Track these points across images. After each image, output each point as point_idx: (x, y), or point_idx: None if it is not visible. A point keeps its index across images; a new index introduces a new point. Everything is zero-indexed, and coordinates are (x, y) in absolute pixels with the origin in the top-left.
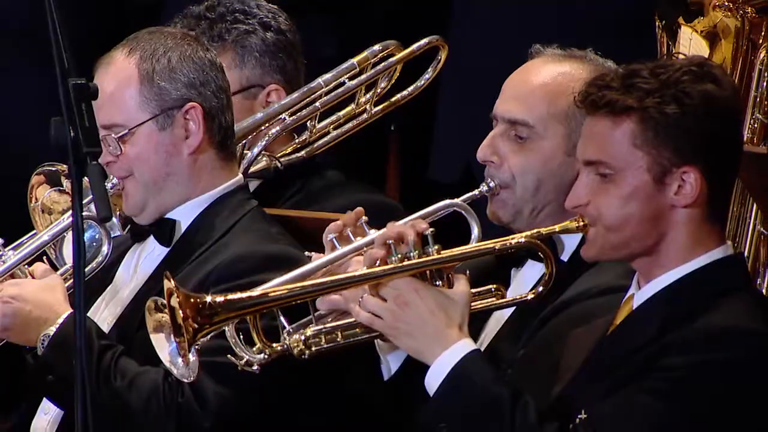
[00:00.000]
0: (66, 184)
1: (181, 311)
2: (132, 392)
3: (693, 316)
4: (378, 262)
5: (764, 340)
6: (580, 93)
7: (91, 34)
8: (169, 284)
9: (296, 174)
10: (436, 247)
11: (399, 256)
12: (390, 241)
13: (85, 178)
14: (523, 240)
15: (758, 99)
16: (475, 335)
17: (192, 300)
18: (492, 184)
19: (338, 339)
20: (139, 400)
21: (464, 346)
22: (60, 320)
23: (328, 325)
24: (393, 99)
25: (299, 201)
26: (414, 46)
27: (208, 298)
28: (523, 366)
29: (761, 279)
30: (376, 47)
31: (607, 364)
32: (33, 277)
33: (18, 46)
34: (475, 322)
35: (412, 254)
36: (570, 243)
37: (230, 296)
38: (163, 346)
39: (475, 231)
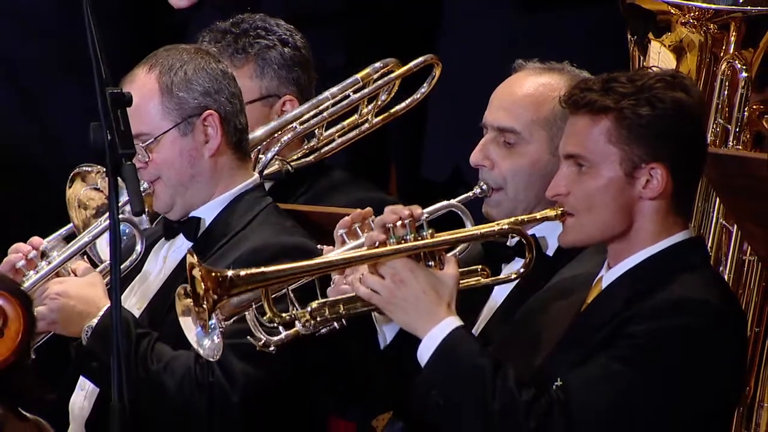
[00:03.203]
0: (101, 182)
1: (202, 283)
2: (167, 374)
3: (655, 289)
4: (377, 243)
5: (717, 308)
6: (565, 94)
7: (125, 50)
8: (191, 259)
9: (305, 174)
10: (430, 231)
11: (396, 238)
12: (389, 225)
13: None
14: (506, 226)
15: (720, 106)
16: (470, 322)
17: (212, 273)
18: (485, 187)
19: (340, 311)
20: (174, 380)
21: (452, 321)
22: (101, 313)
23: (331, 299)
24: (392, 110)
25: (308, 199)
26: (412, 64)
27: (229, 273)
28: (507, 338)
29: (723, 266)
30: (378, 64)
31: (579, 337)
32: (75, 275)
33: (65, 58)
34: (471, 311)
35: (408, 237)
36: (553, 240)
37: (246, 271)
38: (190, 328)
39: None
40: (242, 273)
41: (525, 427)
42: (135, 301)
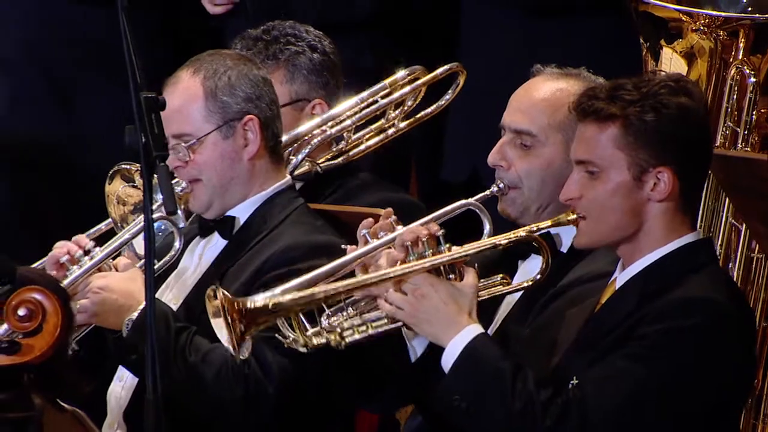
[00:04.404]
0: (138, 180)
1: (228, 315)
2: (205, 366)
3: (665, 290)
4: (398, 262)
5: (725, 308)
6: (574, 102)
7: (162, 55)
8: (212, 293)
9: (333, 176)
10: (447, 245)
11: (416, 255)
12: (407, 243)
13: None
14: (522, 234)
15: (729, 110)
16: (489, 318)
17: (236, 305)
18: (501, 185)
19: (368, 330)
20: (211, 372)
21: (473, 329)
22: (141, 306)
23: (358, 319)
24: (418, 116)
25: (336, 199)
26: (437, 71)
27: (249, 304)
28: (527, 342)
29: (733, 263)
30: (405, 71)
31: (594, 337)
32: (117, 270)
33: (103, 64)
34: (490, 306)
35: (426, 253)
36: (567, 238)
37: (270, 300)
38: (221, 328)
39: (487, 227)
40: (261, 305)
41: (542, 425)
42: (171, 296)
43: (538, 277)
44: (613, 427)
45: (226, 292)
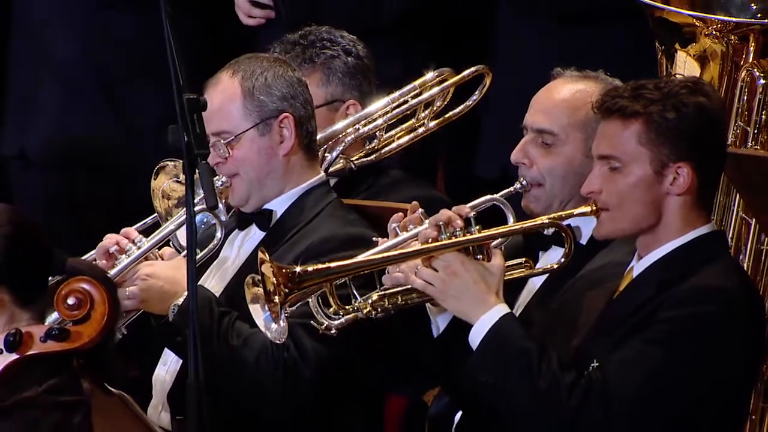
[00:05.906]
0: (182, 176)
1: (273, 279)
2: (246, 349)
3: (682, 279)
4: (430, 240)
5: (737, 295)
6: (597, 100)
7: (200, 59)
8: (263, 256)
9: (367, 173)
10: (478, 227)
11: (447, 234)
12: (440, 223)
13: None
14: (546, 221)
15: (740, 110)
16: (510, 304)
17: (283, 270)
18: (524, 182)
19: (398, 302)
20: (252, 355)
21: (500, 309)
22: (186, 293)
23: (389, 291)
24: (446, 115)
25: (369, 195)
26: (465, 73)
27: (298, 269)
28: (545, 325)
29: (743, 255)
30: (434, 73)
31: (612, 322)
32: (162, 259)
33: (150, 67)
34: (511, 293)
35: (458, 233)
36: (587, 230)
37: (313, 267)
38: (258, 314)
39: (511, 221)
40: (310, 269)
41: (567, 405)
42: (213, 285)
43: (563, 260)
44: (635, 408)
45: (272, 259)
